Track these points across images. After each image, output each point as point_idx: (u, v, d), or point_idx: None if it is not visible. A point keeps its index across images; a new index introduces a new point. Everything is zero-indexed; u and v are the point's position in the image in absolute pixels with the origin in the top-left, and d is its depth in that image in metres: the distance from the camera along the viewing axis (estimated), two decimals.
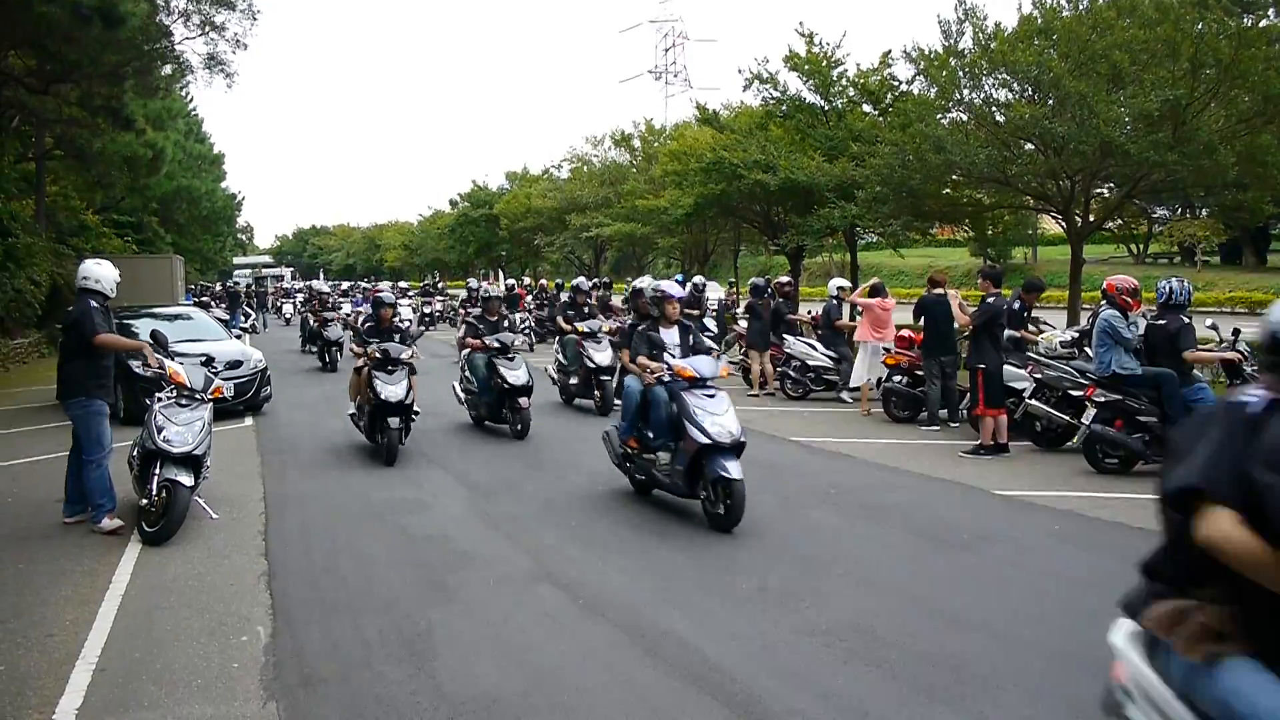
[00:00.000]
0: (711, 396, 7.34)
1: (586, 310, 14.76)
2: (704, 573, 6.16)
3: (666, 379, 7.56)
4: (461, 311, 25.34)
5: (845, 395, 14.20)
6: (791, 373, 14.72)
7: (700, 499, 7.26)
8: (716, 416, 7.13)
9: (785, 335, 15.02)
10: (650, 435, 7.81)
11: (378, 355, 10.01)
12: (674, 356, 7.77)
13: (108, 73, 22.22)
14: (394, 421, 9.79)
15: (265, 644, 5.03)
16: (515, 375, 11.37)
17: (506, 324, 12.72)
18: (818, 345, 14.76)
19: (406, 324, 13.64)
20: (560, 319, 14.83)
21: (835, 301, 14.85)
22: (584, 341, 13.45)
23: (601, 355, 13.16)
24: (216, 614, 5.49)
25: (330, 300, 24.69)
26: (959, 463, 9.67)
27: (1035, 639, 4.98)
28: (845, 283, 15.61)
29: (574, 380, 13.77)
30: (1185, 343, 8.77)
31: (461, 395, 12.42)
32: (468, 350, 12.29)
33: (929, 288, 11.99)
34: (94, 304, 7.41)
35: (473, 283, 28.34)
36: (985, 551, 6.63)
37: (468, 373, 12.18)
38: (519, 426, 11.32)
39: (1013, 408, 10.35)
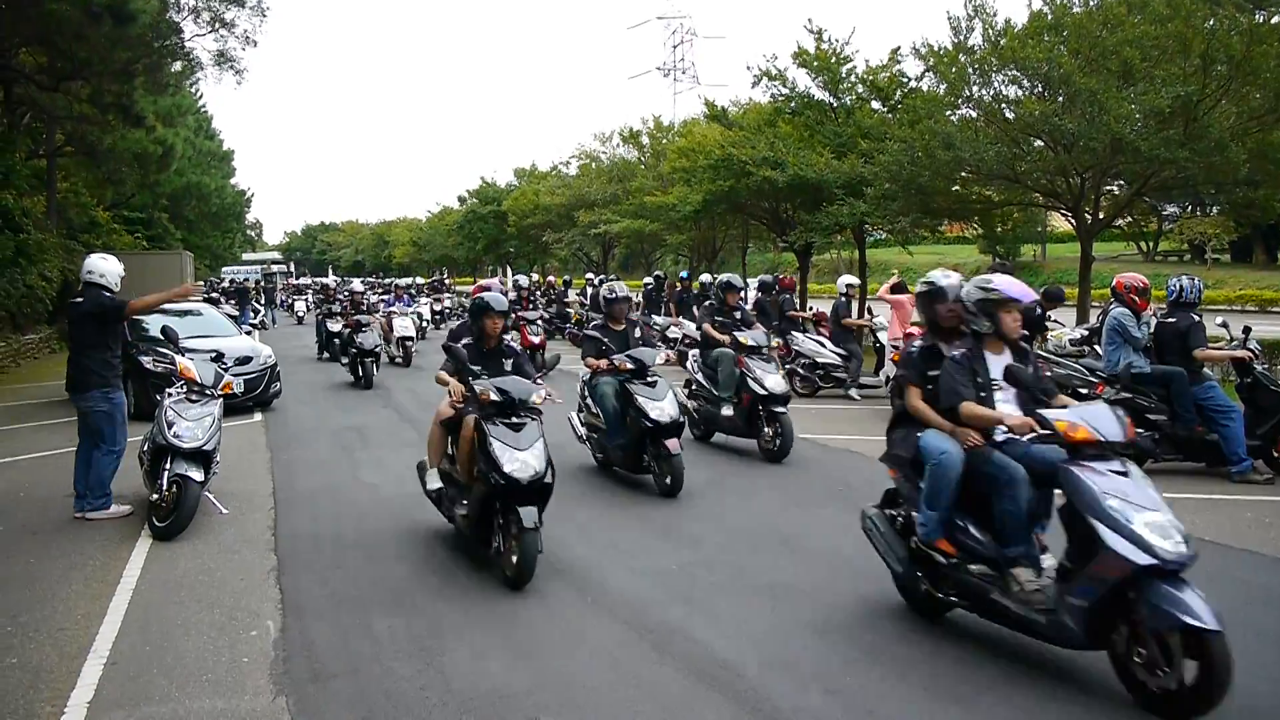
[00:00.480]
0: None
1: (739, 315, 10.85)
2: (712, 570, 6.16)
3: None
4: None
5: (854, 393, 14.18)
6: (800, 370, 14.73)
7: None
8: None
9: (793, 333, 15.02)
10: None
11: (494, 397, 6.13)
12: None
13: (118, 70, 22.30)
14: (529, 515, 5.79)
15: (275, 639, 5.05)
16: (659, 409, 8.29)
17: (639, 335, 9.37)
18: (826, 343, 14.76)
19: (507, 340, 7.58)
20: (708, 324, 10.70)
21: (844, 299, 14.85)
22: (746, 359, 10.00)
23: (773, 380, 9.80)
24: (226, 608, 5.52)
25: (363, 300, 19.95)
26: None
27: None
28: (854, 280, 15.58)
29: (726, 411, 10.00)
30: (1195, 341, 8.73)
31: (581, 431, 9.32)
32: (587, 373, 9.25)
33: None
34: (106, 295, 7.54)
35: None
36: None
37: (589, 401, 9.16)
38: (668, 479, 8.23)
39: None
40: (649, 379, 8.63)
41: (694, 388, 10.69)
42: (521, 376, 6.61)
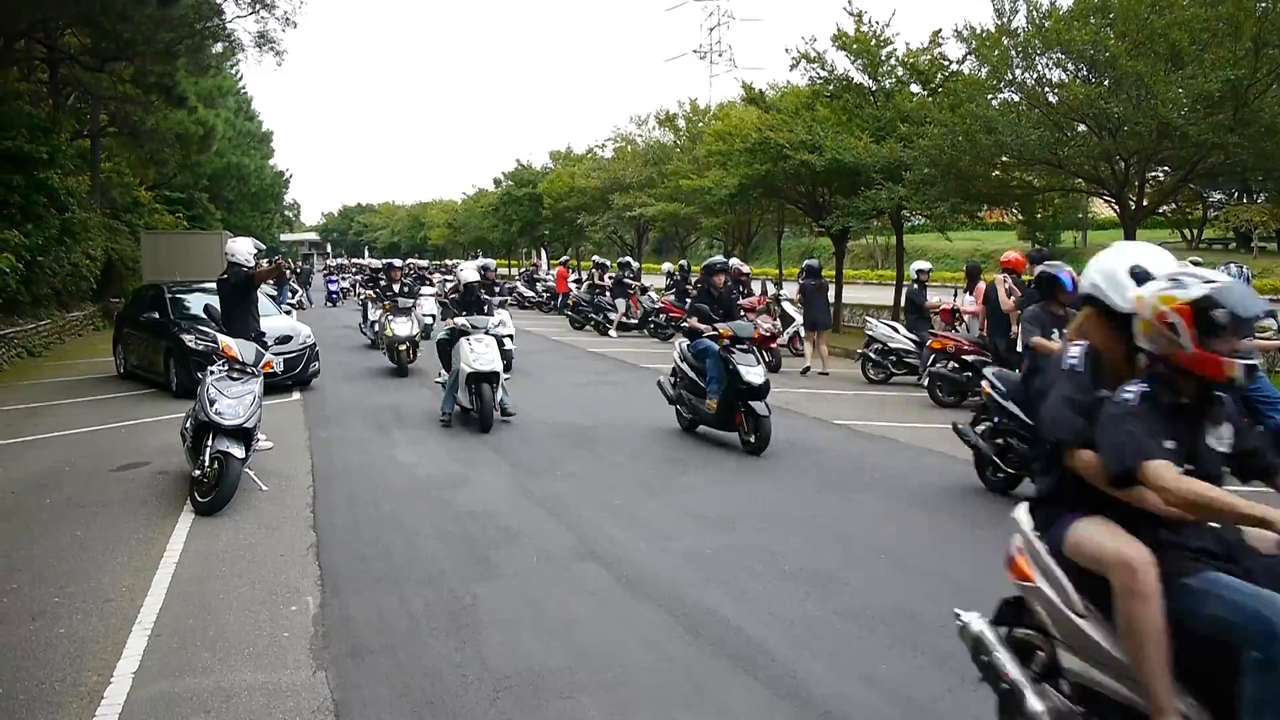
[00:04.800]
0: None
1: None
2: (746, 554, 6.16)
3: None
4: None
5: (926, 380, 13.96)
6: (873, 355, 14.58)
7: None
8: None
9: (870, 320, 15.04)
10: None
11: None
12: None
13: (161, 50, 22.61)
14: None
15: (314, 614, 5.12)
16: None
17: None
18: (900, 328, 14.61)
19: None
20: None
21: (918, 285, 14.61)
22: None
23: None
24: (267, 583, 5.61)
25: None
26: None
27: None
28: (927, 265, 15.28)
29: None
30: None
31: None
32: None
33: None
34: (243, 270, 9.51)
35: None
36: None
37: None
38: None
39: None
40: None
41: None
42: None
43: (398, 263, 19.86)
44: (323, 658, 4.57)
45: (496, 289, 15.73)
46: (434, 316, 20.27)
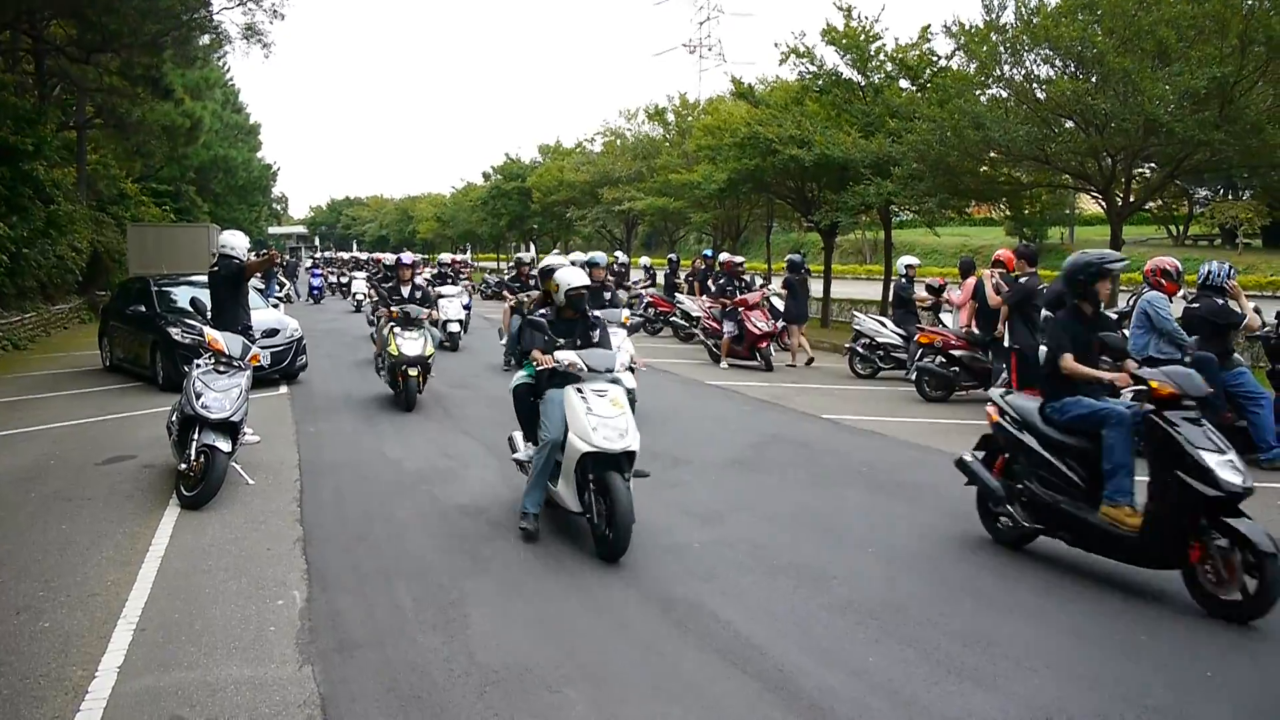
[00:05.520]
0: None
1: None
2: (735, 549, 6.17)
3: None
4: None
5: (914, 375, 13.99)
6: (860, 349, 14.59)
7: None
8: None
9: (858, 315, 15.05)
10: None
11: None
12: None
13: (147, 42, 22.48)
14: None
15: (301, 608, 5.10)
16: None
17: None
18: (887, 322, 14.64)
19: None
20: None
21: (906, 280, 14.66)
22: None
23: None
24: (253, 578, 5.59)
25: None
26: None
27: (1068, 621, 4.95)
28: (915, 260, 15.37)
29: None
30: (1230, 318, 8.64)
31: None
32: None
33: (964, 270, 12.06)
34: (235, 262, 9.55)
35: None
36: None
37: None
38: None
39: None
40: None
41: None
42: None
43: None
44: (309, 652, 4.56)
45: (614, 294, 12.42)
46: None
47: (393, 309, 12.06)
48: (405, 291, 12.98)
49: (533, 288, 11.32)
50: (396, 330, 11.58)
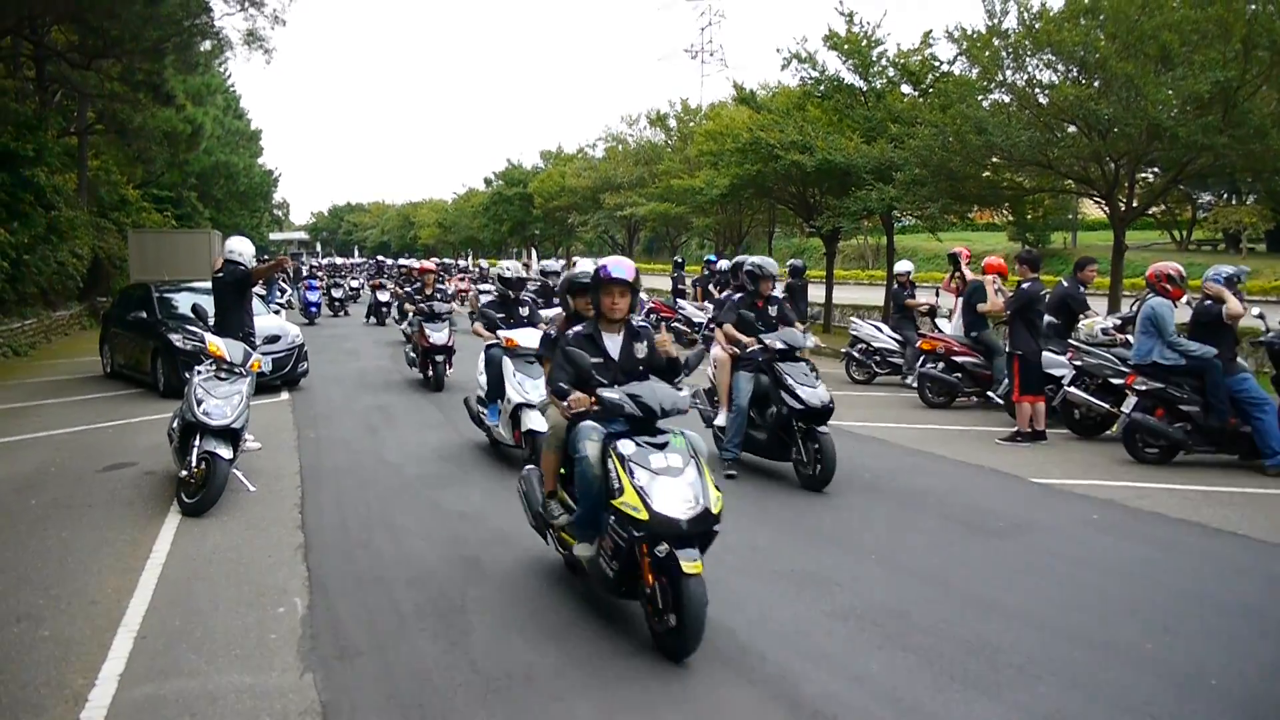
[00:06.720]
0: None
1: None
2: (736, 555, 6.14)
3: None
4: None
5: (911, 380, 14.00)
6: (856, 355, 14.58)
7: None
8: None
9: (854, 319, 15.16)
10: None
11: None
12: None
13: (149, 48, 22.49)
14: None
15: (302, 615, 5.08)
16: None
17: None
18: (884, 328, 14.64)
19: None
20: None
21: (899, 286, 14.76)
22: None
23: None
24: (254, 585, 5.57)
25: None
26: (995, 449, 9.57)
27: (1072, 628, 4.92)
28: (909, 266, 15.46)
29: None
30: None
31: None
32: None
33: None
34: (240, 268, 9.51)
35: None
36: (1022, 539, 6.56)
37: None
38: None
39: (1052, 395, 10.23)
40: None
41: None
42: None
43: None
44: (310, 660, 4.54)
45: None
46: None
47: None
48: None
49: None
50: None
